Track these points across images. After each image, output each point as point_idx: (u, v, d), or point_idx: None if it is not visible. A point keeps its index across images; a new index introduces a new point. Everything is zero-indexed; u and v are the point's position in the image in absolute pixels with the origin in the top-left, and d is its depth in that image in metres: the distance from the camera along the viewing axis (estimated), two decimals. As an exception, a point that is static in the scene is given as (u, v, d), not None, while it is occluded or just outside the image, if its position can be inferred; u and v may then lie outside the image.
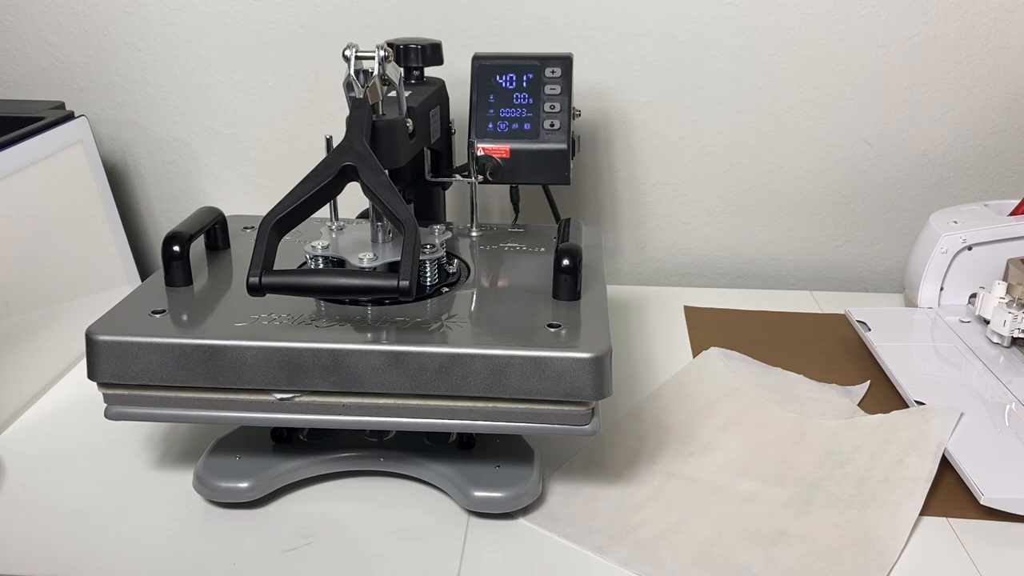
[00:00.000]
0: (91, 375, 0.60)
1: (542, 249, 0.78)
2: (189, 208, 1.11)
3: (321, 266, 0.70)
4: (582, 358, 0.58)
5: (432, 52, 0.83)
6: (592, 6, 0.97)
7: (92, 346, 0.60)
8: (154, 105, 1.06)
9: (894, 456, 0.70)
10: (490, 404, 0.60)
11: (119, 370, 0.60)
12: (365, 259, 0.67)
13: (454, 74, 0.92)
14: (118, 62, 1.04)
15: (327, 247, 0.70)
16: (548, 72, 0.87)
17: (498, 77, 0.87)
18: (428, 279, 0.69)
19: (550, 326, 0.62)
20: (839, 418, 0.76)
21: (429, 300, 0.67)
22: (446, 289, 0.69)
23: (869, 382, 0.83)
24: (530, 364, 0.58)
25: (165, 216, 1.11)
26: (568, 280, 0.66)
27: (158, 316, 0.63)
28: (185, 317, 0.63)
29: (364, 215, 0.83)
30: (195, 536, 0.64)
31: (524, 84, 0.86)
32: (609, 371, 0.59)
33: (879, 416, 0.76)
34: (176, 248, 0.68)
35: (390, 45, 0.80)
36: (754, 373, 0.84)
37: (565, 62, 0.87)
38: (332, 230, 0.75)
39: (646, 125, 1.03)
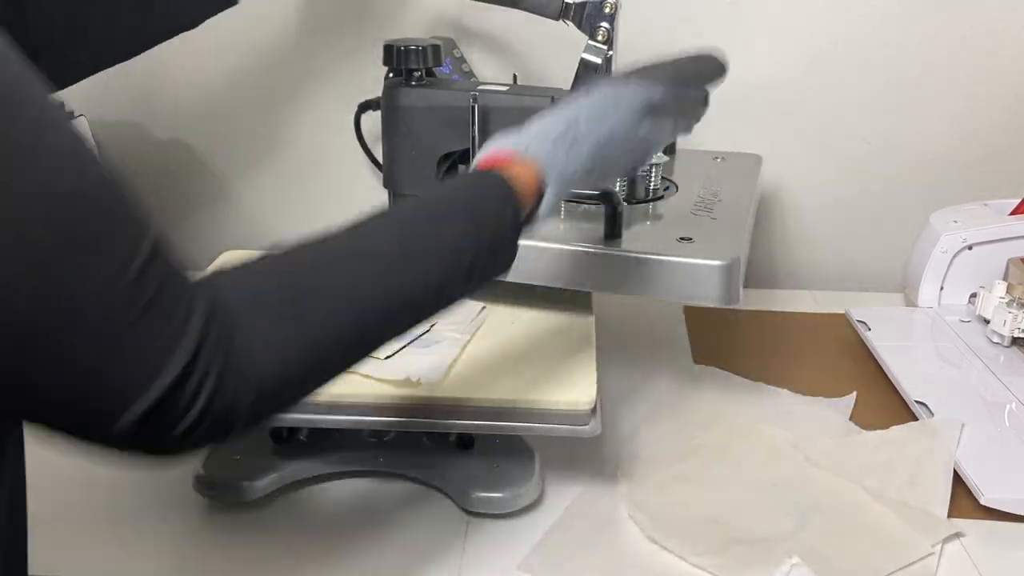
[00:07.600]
0: None
1: None
2: (189, 209, 1.10)
3: None
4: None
5: (432, 53, 0.83)
6: None
7: None
8: (154, 105, 1.06)
9: (903, 477, 0.68)
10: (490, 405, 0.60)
11: None
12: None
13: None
14: (118, 62, 1.04)
15: None
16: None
17: None
18: (652, 185, 0.80)
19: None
20: (835, 436, 0.74)
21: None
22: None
23: (855, 393, 0.80)
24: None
25: (163, 217, 1.11)
26: None
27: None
28: None
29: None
30: (195, 536, 0.64)
31: None
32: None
33: (878, 433, 0.74)
34: None
35: (389, 46, 0.80)
36: (744, 393, 0.81)
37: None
38: None
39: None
